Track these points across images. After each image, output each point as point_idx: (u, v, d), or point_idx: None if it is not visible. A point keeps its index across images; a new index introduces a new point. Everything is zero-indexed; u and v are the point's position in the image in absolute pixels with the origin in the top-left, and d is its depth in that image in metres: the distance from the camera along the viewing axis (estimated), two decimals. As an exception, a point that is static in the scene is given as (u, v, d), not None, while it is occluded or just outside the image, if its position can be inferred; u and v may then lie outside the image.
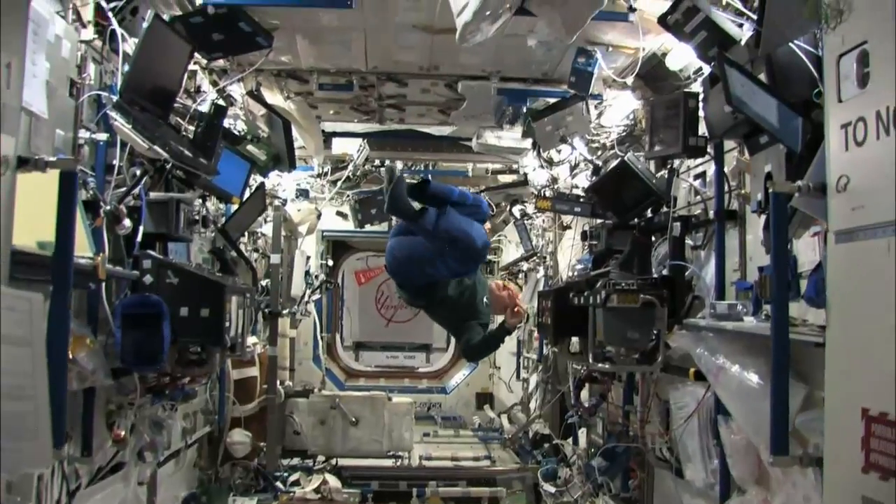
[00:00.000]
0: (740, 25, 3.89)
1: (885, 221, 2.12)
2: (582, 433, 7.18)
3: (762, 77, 3.56)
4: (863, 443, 2.15)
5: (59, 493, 3.62)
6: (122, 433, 4.16)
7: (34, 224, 2.71)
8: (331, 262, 11.47)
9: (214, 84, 5.63)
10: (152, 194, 4.40)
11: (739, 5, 3.87)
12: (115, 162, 4.12)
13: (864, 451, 2.15)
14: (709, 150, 4.46)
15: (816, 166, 2.60)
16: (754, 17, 3.69)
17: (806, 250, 3.39)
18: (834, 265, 2.46)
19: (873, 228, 2.17)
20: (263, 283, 7.37)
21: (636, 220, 5.04)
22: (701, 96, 4.37)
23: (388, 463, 8.38)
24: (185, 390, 4.72)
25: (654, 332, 4.43)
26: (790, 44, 3.29)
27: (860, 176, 2.31)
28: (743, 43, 3.81)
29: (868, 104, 2.27)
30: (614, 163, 5.17)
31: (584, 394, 6.70)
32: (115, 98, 3.98)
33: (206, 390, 6.38)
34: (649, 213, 5.01)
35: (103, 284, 3.87)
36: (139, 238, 4.18)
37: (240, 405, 7.17)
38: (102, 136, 4.00)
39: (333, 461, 8.08)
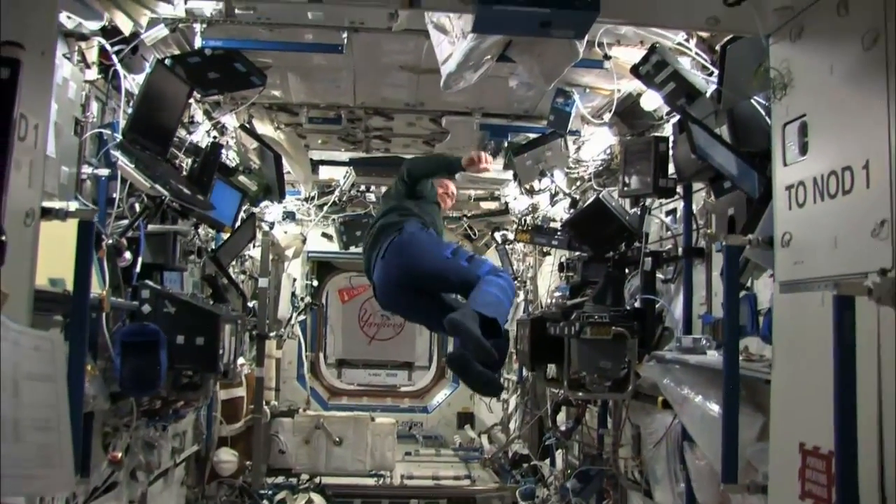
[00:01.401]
0: (710, 74, 4.19)
1: (820, 277, 2.39)
2: (559, 454, 7.41)
3: (725, 127, 3.87)
4: (799, 473, 2.41)
5: (60, 512, 3.81)
6: (119, 455, 4.36)
7: (46, 262, 2.94)
8: (315, 283, 11.67)
9: (208, 115, 5.85)
10: (150, 227, 4.62)
11: (705, 61, 4.16)
12: (115, 195, 4.34)
13: (801, 480, 2.41)
14: (678, 190, 4.75)
15: (765, 221, 2.86)
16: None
17: (765, 290, 3.66)
18: (779, 312, 2.73)
19: (811, 282, 2.44)
20: (251, 304, 7.58)
21: (610, 253, 5.30)
22: (671, 140, 4.66)
23: (371, 482, 8.59)
24: (179, 413, 4.92)
25: (626, 361, 4.70)
26: (751, 99, 3.58)
27: (801, 234, 2.58)
28: (708, 95, 4.10)
29: (807, 170, 2.54)
30: (591, 198, 5.43)
31: (561, 416, 6.95)
32: (116, 135, 4.21)
33: (194, 410, 6.57)
34: (623, 248, 5.27)
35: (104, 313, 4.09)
36: (138, 269, 4.41)
37: (227, 425, 7.36)
38: (104, 172, 4.23)
39: (317, 480, 8.28)
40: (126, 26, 3.91)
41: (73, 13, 3.45)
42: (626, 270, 5.27)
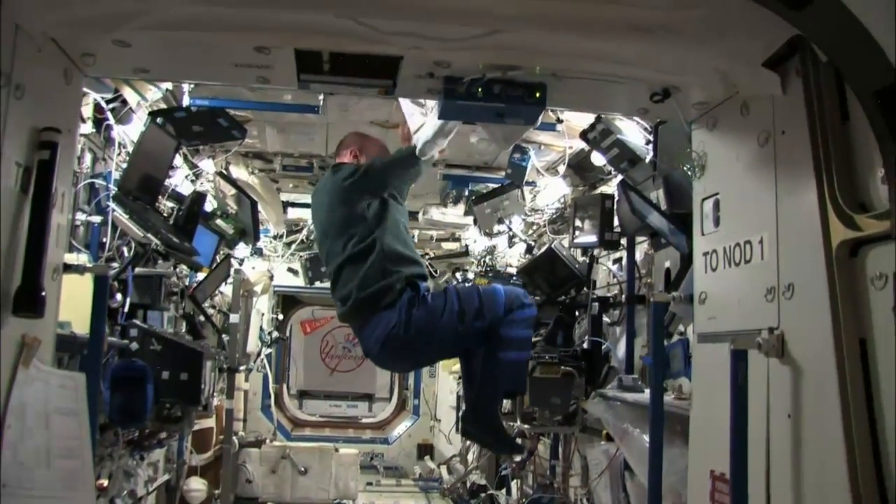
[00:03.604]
0: (649, 143, 4.69)
1: (727, 331, 2.86)
2: (515, 484, 7.81)
3: (661, 191, 4.37)
4: (710, 496, 2.87)
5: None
6: (105, 483, 4.70)
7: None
8: (281, 316, 12.01)
9: (187, 161, 6.23)
10: (137, 269, 4.99)
11: (645, 131, 4.67)
12: (106, 240, 4.72)
13: (711, 502, 2.87)
14: (623, 242, 5.25)
15: (687, 281, 3.35)
16: (653, 142, 4.48)
17: (696, 335, 4.15)
18: (697, 358, 3.21)
19: (721, 335, 2.91)
20: (225, 338, 7.92)
21: (561, 297, 5.77)
22: (616, 198, 5.16)
23: (335, 510, 8.94)
24: (161, 443, 5.26)
25: (574, 398, 5.16)
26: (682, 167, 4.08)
27: (714, 294, 3.06)
28: (647, 161, 4.60)
29: (719, 240, 3.03)
30: (545, 247, 5.91)
31: (517, 448, 7.37)
32: (109, 185, 4.61)
33: (175, 440, 6.88)
34: (573, 293, 5.74)
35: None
36: (126, 309, 4.77)
37: (197, 454, 7.67)
38: (97, 219, 4.62)
39: (283, 509, 8.61)
40: (133, 99, 4.32)
41: (90, 89, 3.85)
42: (576, 314, 5.74)
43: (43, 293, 2.52)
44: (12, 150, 2.52)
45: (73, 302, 3.24)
